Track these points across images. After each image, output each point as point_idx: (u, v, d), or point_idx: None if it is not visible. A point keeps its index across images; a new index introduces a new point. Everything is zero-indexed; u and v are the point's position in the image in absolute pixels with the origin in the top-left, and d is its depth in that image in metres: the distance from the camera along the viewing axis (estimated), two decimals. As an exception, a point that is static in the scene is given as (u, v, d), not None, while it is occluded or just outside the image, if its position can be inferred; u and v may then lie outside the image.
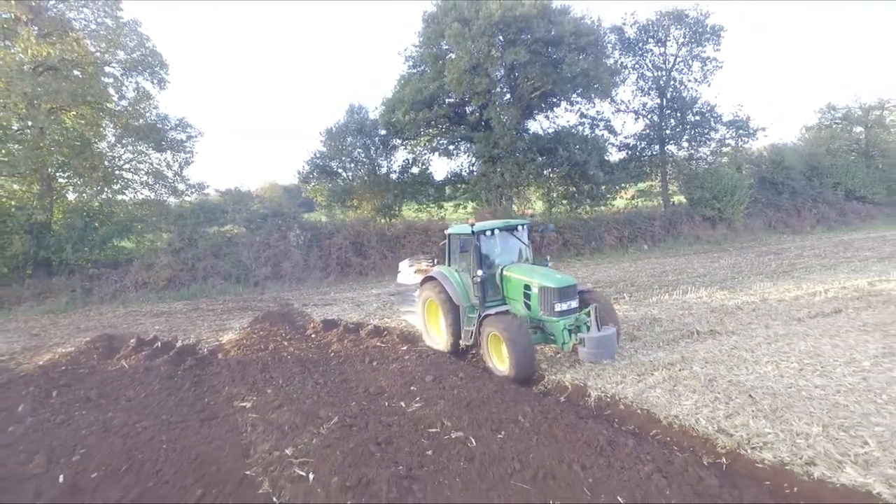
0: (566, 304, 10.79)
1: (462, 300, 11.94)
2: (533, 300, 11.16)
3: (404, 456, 7.32)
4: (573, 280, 11.09)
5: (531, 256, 12.63)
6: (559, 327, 10.75)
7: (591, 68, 26.24)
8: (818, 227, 36.96)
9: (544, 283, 10.89)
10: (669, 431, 7.96)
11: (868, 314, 13.88)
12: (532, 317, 11.21)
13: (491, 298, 11.82)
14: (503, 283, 11.87)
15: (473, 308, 11.85)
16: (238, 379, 11.22)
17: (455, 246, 12.55)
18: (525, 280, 11.31)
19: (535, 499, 6.07)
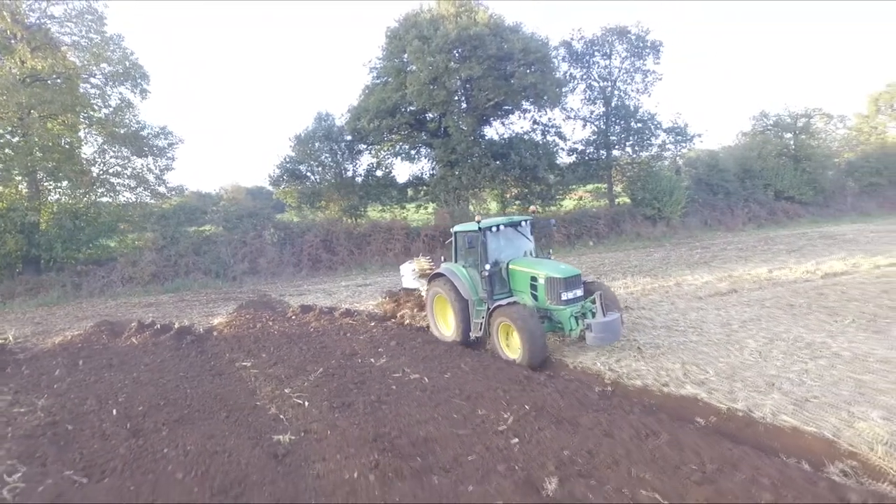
0: (572, 293, 11.44)
1: (471, 294, 12.51)
2: (540, 291, 11.70)
3: (375, 390, 9.85)
4: (578, 270, 11.74)
5: (534, 250, 13.30)
6: (566, 315, 11.37)
7: (538, 81, 29.05)
8: (749, 224, 40.29)
9: (551, 274, 11.49)
10: (574, 372, 10.66)
11: (756, 294, 16.83)
12: (539, 307, 11.73)
13: (498, 291, 12.38)
14: (509, 277, 12.45)
15: (482, 301, 12.43)
16: (236, 348, 13.61)
17: (461, 243, 13.18)
18: (531, 272, 11.89)
19: (467, 410, 8.66)
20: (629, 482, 6.16)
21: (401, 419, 8.41)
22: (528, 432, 7.67)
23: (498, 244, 12.81)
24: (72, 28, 27.08)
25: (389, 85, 31.66)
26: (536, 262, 12.33)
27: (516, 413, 8.33)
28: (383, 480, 6.49)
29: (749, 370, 9.91)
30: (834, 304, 14.82)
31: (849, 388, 8.86)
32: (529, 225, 13.17)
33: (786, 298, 15.85)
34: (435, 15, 29.39)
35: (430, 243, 29.36)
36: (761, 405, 8.32)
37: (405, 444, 7.53)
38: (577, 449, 7.02)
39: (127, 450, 7.81)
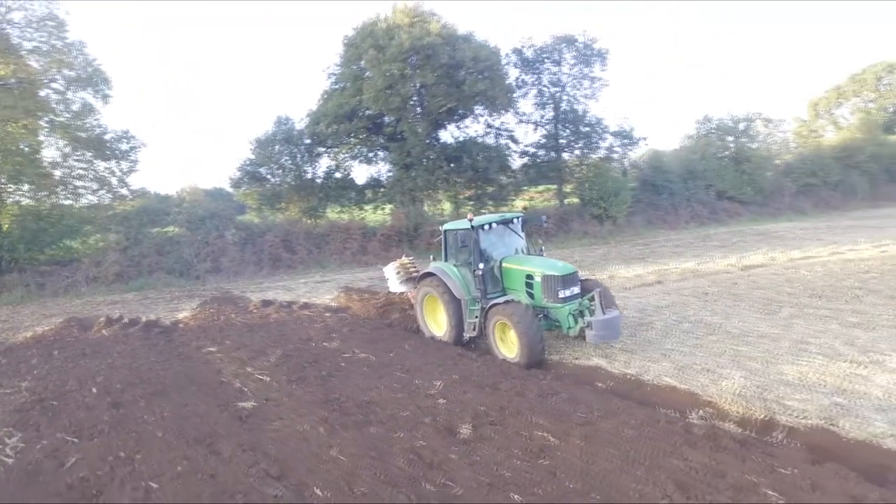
0: (569, 291, 11.32)
1: (463, 293, 12.31)
2: (536, 289, 11.54)
3: (327, 367, 11.26)
4: (574, 268, 11.68)
5: (526, 248, 13.06)
6: (564, 313, 11.27)
7: (488, 88, 30.66)
8: (692, 223, 42.48)
9: (547, 271, 11.38)
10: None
11: (678, 284, 18.67)
12: (535, 305, 11.52)
13: (491, 290, 12.18)
14: (503, 275, 12.26)
15: (475, 301, 12.23)
16: (201, 337, 14.82)
17: (452, 241, 13.07)
18: (527, 270, 11.76)
19: (405, 380, 10.12)
20: (528, 426, 7.71)
21: (348, 388, 9.85)
22: (454, 395, 9.18)
23: (490, 242, 12.63)
24: (32, 34, 27.71)
25: (347, 90, 32.91)
26: (531, 259, 12.26)
27: (446, 381, 9.83)
28: (330, 431, 7.92)
29: (650, 345, 11.62)
30: (742, 292, 16.69)
31: (727, 357, 10.60)
32: (521, 222, 13.06)
33: (702, 288, 17.68)
34: (390, 25, 30.78)
35: (386, 242, 30.82)
36: (650, 370, 9.98)
37: (350, 405, 8.97)
38: (491, 405, 8.55)
39: (111, 417, 9.07)
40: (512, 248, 12.84)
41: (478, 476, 6.44)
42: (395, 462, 6.90)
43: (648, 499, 5.80)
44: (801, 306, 14.39)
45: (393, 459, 6.97)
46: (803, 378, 9.30)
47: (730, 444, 6.89)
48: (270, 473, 6.75)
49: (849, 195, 51.95)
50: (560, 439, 7.26)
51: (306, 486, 6.43)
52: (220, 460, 7.20)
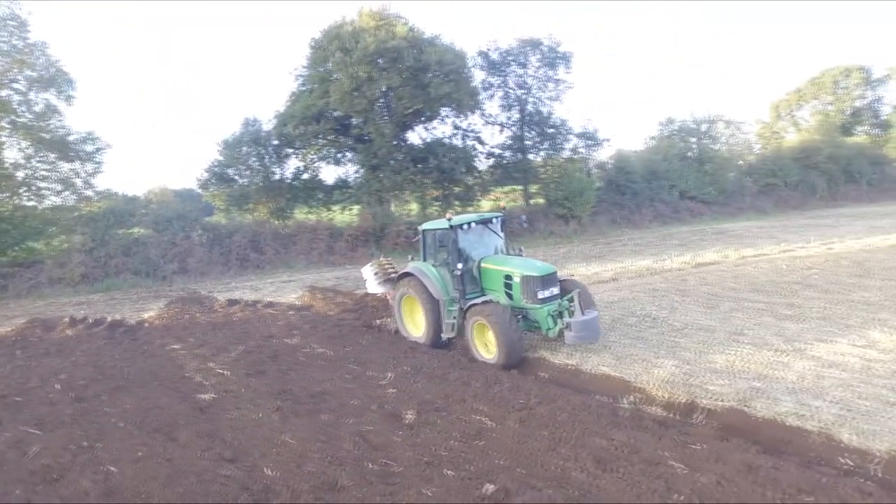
0: (548, 292, 11.23)
1: (442, 294, 12.17)
2: (515, 289, 11.44)
3: (286, 361, 11.73)
4: (553, 268, 11.65)
5: (505, 248, 13.00)
6: (543, 314, 11.17)
7: (453, 90, 31.21)
8: (655, 222, 43.45)
9: (526, 272, 11.30)
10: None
11: (632, 281, 19.41)
12: (514, 305, 11.47)
13: (470, 291, 12.05)
14: (481, 275, 12.16)
15: (453, 301, 12.09)
16: (166, 335, 15.15)
17: (431, 241, 12.93)
18: (506, 270, 11.66)
19: (359, 372, 10.63)
20: (468, 412, 8.30)
21: (303, 380, 10.35)
22: (404, 385, 9.73)
23: (469, 242, 12.53)
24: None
25: (314, 92, 33.20)
26: (510, 259, 12.19)
27: (398, 373, 10.39)
28: (283, 418, 8.42)
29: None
30: (690, 288, 17.45)
31: (665, 348, 11.28)
32: (500, 221, 13.03)
33: (654, 284, 18.43)
34: (356, 28, 31.17)
35: (353, 243, 31.24)
36: (590, 361, 10.62)
37: (304, 395, 9.47)
38: (437, 393, 9.12)
39: (73, 410, 9.45)
40: (491, 248, 12.75)
41: (417, 456, 6.98)
42: (342, 445, 7.41)
43: (569, 472, 6.39)
44: (741, 300, 15.17)
45: (340, 443, 7.49)
46: (730, 366, 10.00)
47: (650, 425, 7.53)
48: (224, 457, 7.22)
49: (808, 195, 53.31)
50: (497, 423, 7.84)
51: (258, 468, 6.91)
52: (177, 446, 7.64)
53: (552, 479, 6.29)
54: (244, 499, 6.02)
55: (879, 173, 57.30)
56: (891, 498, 5.68)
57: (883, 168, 58.05)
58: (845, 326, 12.22)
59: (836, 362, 9.92)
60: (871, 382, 8.86)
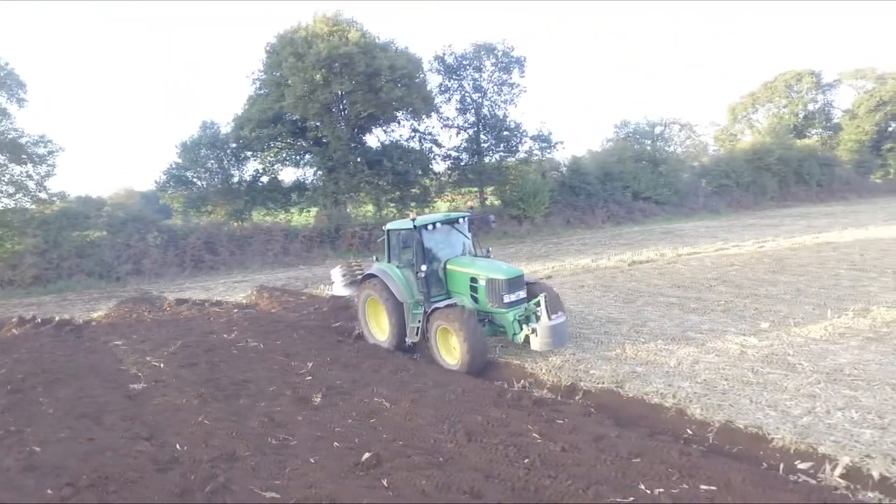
0: (515, 295, 10.90)
1: (406, 296, 11.82)
2: (480, 293, 11.14)
3: (219, 354, 12.47)
4: (520, 271, 11.34)
5: (473, 249, 12.65)
6: (509, 318, 10.87)
7: (405, 95, 32.15)
8: (608, 222, 44.68)
9: (492, 275, 10.98)
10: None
11: (564, 279, 20.40)
12: (480, 309, 11.21)
13: (436, 293, 11.71)
14: (447, 277, 11.83)
15: (418, 304, 11.77)
16: (111, 333, 15.77)
17: (395, 242, 12.52)
18: (471, 273, 11.33)
19: (283, 363, 11.43)
20: (370, 395, 9.17)
21: (231, 370, 11.13)
22: (320, 373, 10.58)
23: (435, 243, 12.13)
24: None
25: (270, 96, 33.84)
26: (476, 261, 11.79)
27: (318, 362, 11.23)
28: (203, 403, 9.20)
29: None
30: (616, 284, 18.52)
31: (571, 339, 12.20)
32: (468, 222, 12.68)
33: (584, 282, 19.46)
34: (309, 33, 31.89)
35: (307, 244, 32.00)
36: (494, 350, 11.54)
37: (227, 383, 10.25)
38: (347, 379, 9.99)
39: (7, 401, 10.07)
40: (458, 249, 12.37)
41: (313, 432, 7.82)
42: (249, 424, 8.22)
43: (441, 444, 7.29)
44: (658, 296, 16.25)
45: (248, 422, 8.29)
46: (620, 353, 11.01)
47: (527, 404, 8.48)
48: (142, 436, 7.97)
49: (760, 196, 55.01)
50: (392, 404, 8.71)
51: (169, 444, 7.68)
52: (101, 428, 8.37)
53: (424, 448, 7.17)
54: (150, 469, 6.77)
55: (829, 175, 59.35)
56: (706, 456, 6.64)
57: (833, 170, 60.09)
58: (740, 318, 13.32)
59: (717, 349, 10.98)
60: (739, 366, 9.90)
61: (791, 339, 11.35)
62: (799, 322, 12.55)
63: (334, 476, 6.41)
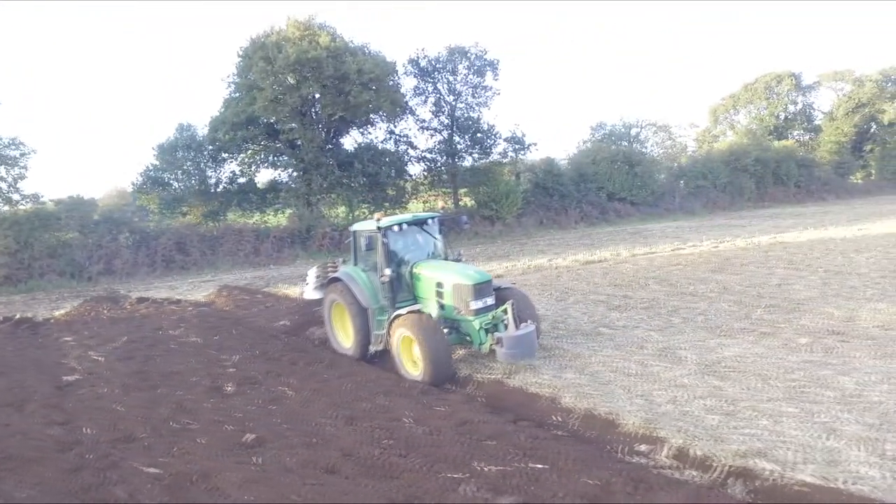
0: (482, 302, 10.33)
1: (370, 302, 11.23)
2: (446, 298, 10.60)
3: (158, 349, 13.18)
4: (488, 276, 10.76)
5: (444, 251, 12.16)
6: (475, 327, 10.29)
7: (373, 99, 32.89)
8: (581, 223, 45.39)
9: (458, 279, 10.43)
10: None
11: (514, 277, 21.04)
12: (446, 316, 10.67)
13: (402, 299, 11.18)
14: (414, 282, 11.26)
15: (383, 310, 11.12)
16: (65, 330, 16.45)
17: (361, 244, 11.88)
18: (437, 277, 10.80)
19: (215, 356, 12.11)
20: (279, 385, 9.90)
21: (163, 364, 11.83)
22: (244, 365, 11.31)
23: (402, 245, 11.68)
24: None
25: (244, 99, 34.50)
26: (443, 265, 11.24)
27: (245, 356, 11.95)
28: (125, 392, 9.90)
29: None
30: (559, 283, 19.24)
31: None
32: (438, 223, 12.16)
33: (529, 281, 20.15)
34: (280, 38, 32.59)
35: (278, 244, 32.71)
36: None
37: (155, 375, 10.95)
38: (262, 371, 10.70)
39: (-59, 393, 10.71)
40: (426, 252, 11.90)
41: (214, 417, 8.52)
42: (159, 411, 8.91)
43: (323, 427, 8.01)
44: (591, 294, 16.98)
45: (159, 409, 8.98)
46: (528, 346, 11.69)
47: (415, 394, 9.20)
48: (56, 421, 8.64)
49: (737, 196, 55.79)
50: (295, 392, 9.45)
51: (79, 429, 8.34)
52: (21, 415, 9.04)
53: (306, 431, 7.87)
54: (52, 450, 7.43)
55: (807, 176, 60.18)
56: (556, 440, 7.35)
57: (811, 171, 60.90)
58: (657, 314, 14.04)
59: (620, 343, 11.68)
60: (630, 359, 10.58)
61: (692, 334, 12.08)
62: (709, 318, 13.29)
63: (215, 454, 7.10)
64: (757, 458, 6.57)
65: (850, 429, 7.25)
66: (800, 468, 6.33)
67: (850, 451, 6.70)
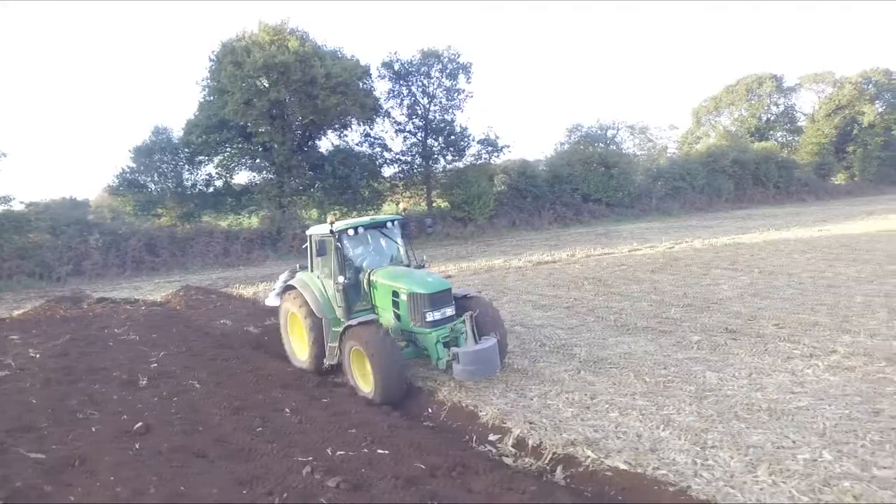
0: (439, 313, 9.60)
1: (325, 311, 10.62)
2: (402, 308, 9.92)
3: (96, 346, 13.78)
4: (447, 284, 10.03)
5: (407, 257, 11.55)
6: (432, 340, 9.56)
7: (340, 103, 33.55)
8: (555, 224, 46.01)
9: (413, 288, 9.69)
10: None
11: (463, 278, 21.83)
12: (403, 328, 10.04)
13: (360, 308, 10.58)
14: (371, 290, 10.59)
15: (339, 321, 10.43)
16: (15, 328, 17.00)
17: (316, 248, 11.14)
18: (393, 285, 10.07)
19: (145, 353, 12.76)
20: (190, 378, 10.51)
21: (94, 360, 12.45)
22: (167, 360, 11.98)
23: (361, 249, 11.13)
24: None
25: (216, 103, 35.15)
26: (401, 273, 10.46)
27: (172, 352, 12.59)
28: (45, 386, 10.52)
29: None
30: (503, 284, 19.96)
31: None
32: (399, 226, 11.53)
33: (473, 280, 20.91)
34: (248, 42, 33.26)
35: (248, 245, 33.36)
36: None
37: (83, 370, 11.57)
38: (181, 366, 11.35)
39: None
40: (387, 258, 11.28)
41: (117, 408, 9.17)
42: (69, 403, 9.53)
43: (211, 416, 8.70)
44: (524, 293, 17.71)
45: (70, 401, 9.60)
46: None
47: (310, 387, 9.87)
48: (-33, 413, 9.27)
49: (714, 197, 56.43)
50: (202, 385, 10.10)
51: (-13, 420, 8.98)
52: (-65, 409, 9.67)
53: (194, 420, 8.53)
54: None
55: (787, 177, 60.87)
56: (411, 429, 8.06)
57: (791, 172, 61.59)
58: (575, 314, 14.77)
59: (525, 339, 12.42)
60: (525, 355, 11.33)
61: (597, 332, 12.77)
62: (622, 317, 13.97)
63: (101, 441, 7.74)
64: (583, 446, 7.27)
65: (685, 420, 7.95)
66: (617, 456, 7.03)
67: (673, 440, 7.40)
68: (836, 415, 7.87)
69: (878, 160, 65.55)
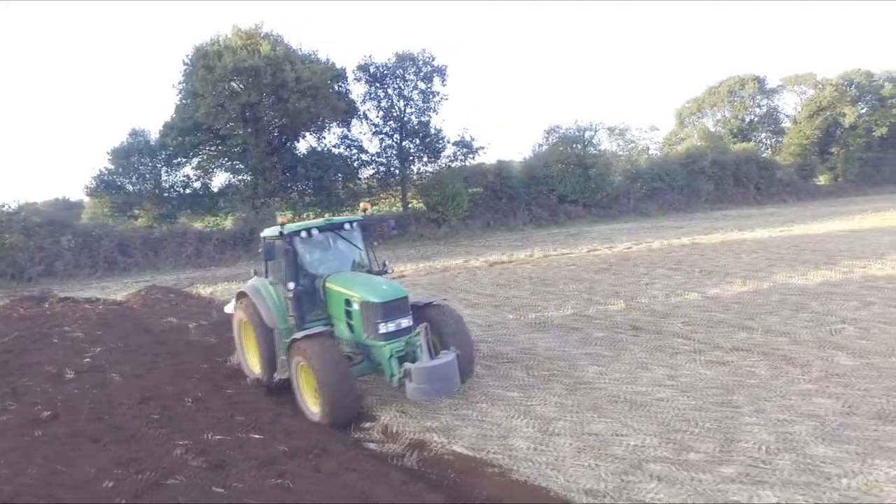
0: (394, 324, 8.74)
1: (277, 321, 9.79)
2: (355, 319, 9.08)
3: (40, 343, 14.49)
4: (403, 292, 9.12)
5: (369, 261, 10.60)
6: (385, 354, 8.67)
7: (311, 106, 34.28)
8: (530, 225, 46.58)
9: (366, 296, 8.84)
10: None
11: (416, 277, 22.57)
12: (356, 340, 9.20)
13: (314, 318, 9.67)
14: (326, 298, 9.70)
15: (290, 331, 9.50)
16: (-28, 327, 17.72)
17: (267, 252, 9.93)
18: (346, 293, 9.24)
19: (84, 350, 13.45)
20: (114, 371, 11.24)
21: (34, 355, 13.20)
22: (101, 356, 12.74)
23: (318, 254, 10.32)
24: None
25: (190, 106, 35.86)
26: (354, 279, 9.62)
27: (108, 348, 13.32)
28: (-23, 381, 11.20)
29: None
30: (453, 283, 20.66)
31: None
32: (360, 228, 10.63)
33: (426, 281, 21.62)
34: (221, 46, 33.98)
35: (221, 247, 34.04)
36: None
37: (15, 365, 12.29)
38: (112, 360, 12.08)
39: None
40: (346, 262, 10.30)
41: (35, 399, 9.89)
42: (-5, 395, 10.26)
43: (119, 406, 9.40)
44: (466, 292, 18.46)
45: (-4, 393, 10.33)
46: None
47: (224, 383, 10.56)
48: None
49: (693, 198, 56.95)
50: (124, 378, 10.82)
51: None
52: None
53: (102, 410, 9.24)
54: None
55: (768, 178, 61.43)
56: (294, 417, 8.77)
57: (772, 173, 62.13)
58: (499, 311, 15.47)
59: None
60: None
61: (513, 329, 13.48)
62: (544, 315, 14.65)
63: (7, 429, 8.46)
64: (438, 433, 7.96)
65: (543, 410, 8.61)
66: (461, 442, 7.70)
67: (523, 428, 8.06)
68: (686, 405, 8.51)
69: (860, 161, 65.96)
